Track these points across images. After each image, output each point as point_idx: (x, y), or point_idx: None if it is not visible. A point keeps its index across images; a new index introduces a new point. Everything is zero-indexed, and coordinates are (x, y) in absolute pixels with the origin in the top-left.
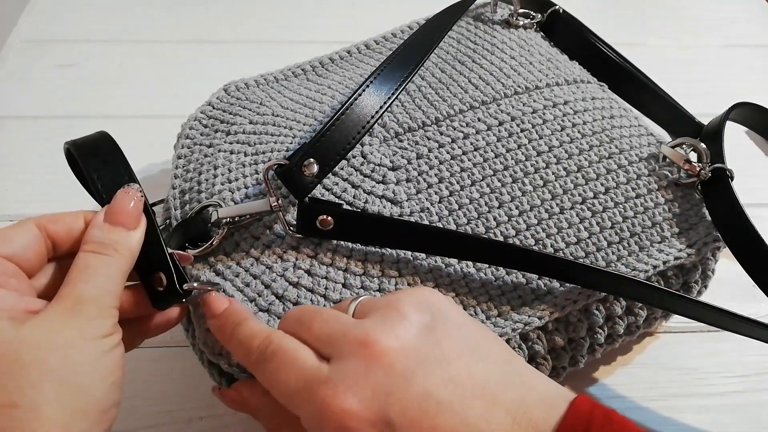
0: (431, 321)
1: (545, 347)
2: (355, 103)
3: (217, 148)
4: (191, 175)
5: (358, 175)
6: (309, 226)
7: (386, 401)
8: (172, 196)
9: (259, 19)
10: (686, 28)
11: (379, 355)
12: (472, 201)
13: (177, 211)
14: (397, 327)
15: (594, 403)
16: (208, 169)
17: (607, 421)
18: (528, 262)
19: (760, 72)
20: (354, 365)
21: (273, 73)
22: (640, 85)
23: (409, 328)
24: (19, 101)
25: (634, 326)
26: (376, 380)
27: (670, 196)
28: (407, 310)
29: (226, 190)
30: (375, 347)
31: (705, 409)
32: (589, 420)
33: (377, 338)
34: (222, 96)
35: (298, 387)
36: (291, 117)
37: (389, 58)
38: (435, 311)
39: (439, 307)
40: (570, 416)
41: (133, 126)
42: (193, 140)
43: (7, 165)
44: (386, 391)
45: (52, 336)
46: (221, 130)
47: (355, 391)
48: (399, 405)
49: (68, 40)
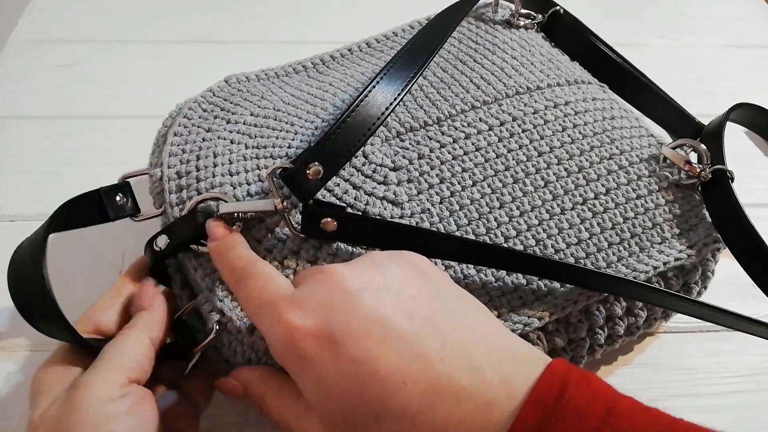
0: (400, 266)
1: (545, 348)
2: (360, 105)
3: (216, 134)
4: (188, 157)
5: (360, 176)
6: (312, 228)
7: (331, 315)
8: (167, 176)
9: (259, 19)
10: (686, 28)
11: (333, 275)
12: (473, 201)
13: (173, 195)
14: (360, 261)
15: (571, 365)
16: (207, 155)
17: (584, 380)
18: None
19: (760, 72)
20: (310, 287)
21: (274, 68)
22: (641, 86)
23: (372, 263)
24: (19, 101)
25: (635, 327)
26: (324, 296)
27: (671, 197)
28: (378, 255)
29: (227, 183)
30: (331, 270)
31: (705, 409)
32: (565, 379)
33: (336, 266)
34: (223, 86)
35: (266, 303)
36: (293, 113)
37: (393, 59)
38: (413, 264)
39: (419, 263)
40: (546, 375)
41: (133, 126)
42: (191, 120)
43: (7, 165)
44: (332, 306)
45: None
46: (221, 117)
47: (305, 308)
48: (343, 319)
49: (68, 40)
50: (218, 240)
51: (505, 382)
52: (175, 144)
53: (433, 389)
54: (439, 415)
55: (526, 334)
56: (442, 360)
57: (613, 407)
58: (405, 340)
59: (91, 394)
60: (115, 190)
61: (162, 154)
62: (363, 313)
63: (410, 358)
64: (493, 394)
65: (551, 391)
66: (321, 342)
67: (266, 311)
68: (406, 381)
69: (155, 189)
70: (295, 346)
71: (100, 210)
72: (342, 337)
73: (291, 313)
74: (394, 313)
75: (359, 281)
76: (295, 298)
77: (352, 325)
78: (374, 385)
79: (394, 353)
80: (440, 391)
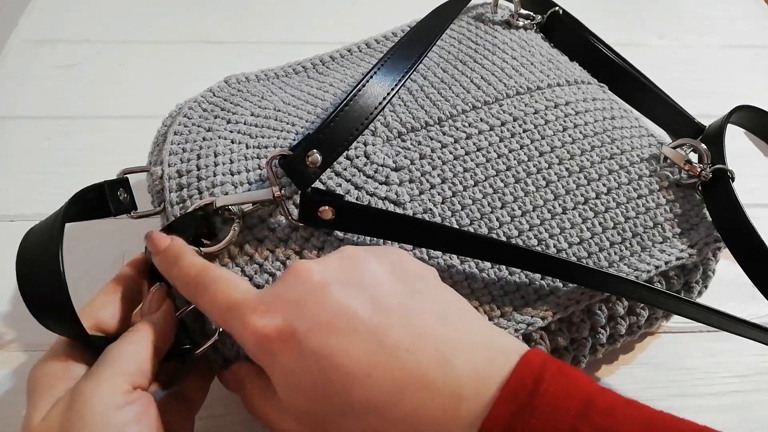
0: (377, 258)
1: (548, 347)
2: (358, 94)
3: (216, 133)
4: (188, 156)
5: (361, 176)
6: (310, 216)
7: (297, 311)
8: (168, 174)
9: (259, 19)
10: (686, 28)
11: (301, 270)
12: (474, 201)
13: (173, 193)
14: (332, 255)
15: (548, 357)
16: (207, 154)
17: (561, 373)
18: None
19: (760, 72)
20: (278, 285)
21: (274, 69)
22: (640, 87)
23: (343, 257)
24: (19, 101)
25: (636, 326)
26: (291, 294)
27: (672, 196)
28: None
29: (228, 183)
30: (300, 266)
31: (705, 409)
32: (540, 372)
33: (305, 262)
34: (223, 86)
35: (229, 309)
36: (293, 113)
37: (391, 50)
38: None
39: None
40: (520, 368)
41: (133, 126)
42: (191, 119)
43: (7, 165)
44: (298, 301)
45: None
46: (221, 116)
47: (270, 308)
48: (308, 314)
49: (68, 40)
50: (162, 251)
51: (478, 374)
52: (175, 143)
53: (399, 382)
54: (407, 409)
55: (529, 333)
56: (408, 350)
57: (591, 401)
58: (371, 332)
59: (98, 403)
60: (118, 185)
61: (162, 153)
62: (328, 306)
63: (375, 350)
64: (465, 387)
65: (525, 384)
66: (285, 338)
67: (232, 317)
68: (371, 374)
69: (155, 187)
70: (263, 347)
71: (103, 204)
72: (305, 331)
73: (255, 316)
74: (362, 305)
75: (328, 275)
76: (262, 298)
77: (316, 319)
78: (338, 379)
79: (360, 346)
80: (407, 384)
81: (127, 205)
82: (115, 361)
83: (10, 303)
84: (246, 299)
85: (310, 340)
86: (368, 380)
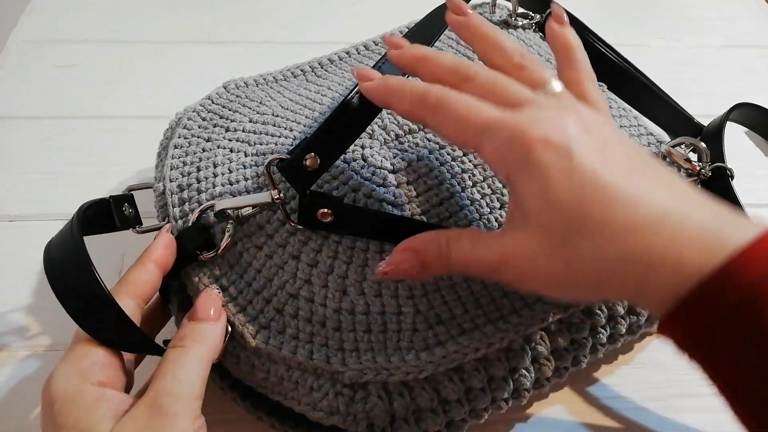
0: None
1: (548, 348)
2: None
3: (215, 143)
4: (189, 169)
5: (358, 179)
6: (309, 218)
7: (571, 131)
8: (170, 190)
9: (259, 20)
10: (686, 28)
11: (571, 108)
12: (473, 202)
13: (175, 208)
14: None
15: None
16: (207, 165)
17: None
18: None
19: (760, 72)
20: (546, 113)
21: (272, 73)
22: (640, 86)
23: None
24: (19, 101)
25: (636, 326)
26: (568, 122)
27: None
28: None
29: (227, 193)
30: (568, 102)
31: (705, 409)
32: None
33: (571, 101)
34: (221, 92)
35: (493, 121)
36: (291, 118)
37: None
38: None
39: None
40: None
41: (133, 126)
42: (191, 131)
43: (7, 165)
44: (570, 123)
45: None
46: (220, 125)
47: (549, 127)
48: (580, 135)
49: (68, 40)
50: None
51: (739, 223)
52: (176, 156)
53: (660, 213)
54: (663, 239)
55: (529, 334)
56: (673, 182)
57: None
58: (646, 164)
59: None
60: (123, 200)
61: (164, 168)
62: (597, 133)
63: (648, 174)
64: (725, 229)
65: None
66: (558, 153)
67: (494, 128)
68: (640, 195)
69: (159, 203)
70: (531, 156)
71: (108, 218)
72: (578, 151)
73: (528, 126)
74: (621, 142)
75: (595, 120)
76: (529, 117)
77: (587, 142)
78: (602, 199)
79: (624, 173)
80: (669, 215)
81: (132, 219)
82: (187, 383)
83: (10, 303)
84: (506, 115)
85: (583, 159)
86: (633, 201)
